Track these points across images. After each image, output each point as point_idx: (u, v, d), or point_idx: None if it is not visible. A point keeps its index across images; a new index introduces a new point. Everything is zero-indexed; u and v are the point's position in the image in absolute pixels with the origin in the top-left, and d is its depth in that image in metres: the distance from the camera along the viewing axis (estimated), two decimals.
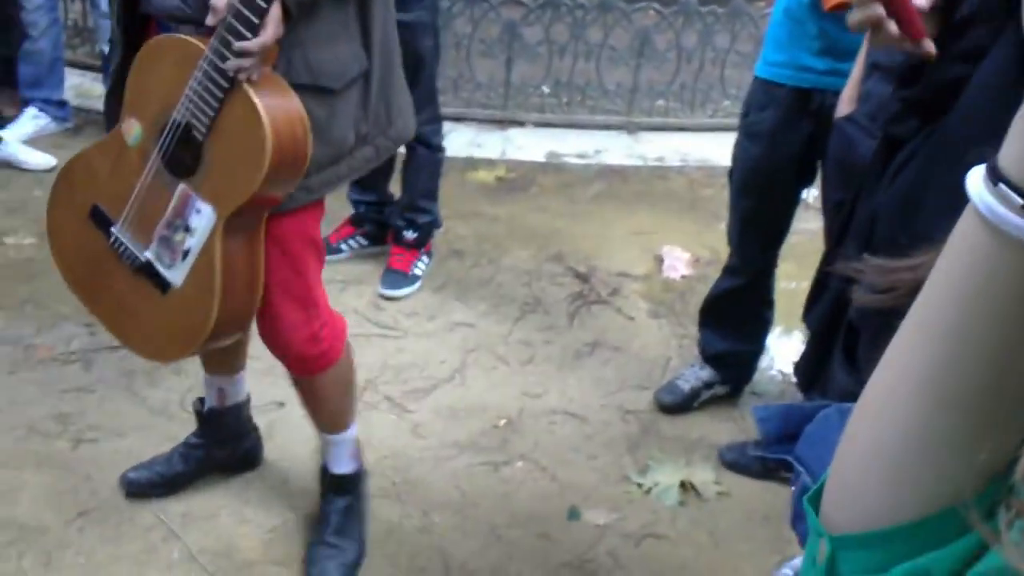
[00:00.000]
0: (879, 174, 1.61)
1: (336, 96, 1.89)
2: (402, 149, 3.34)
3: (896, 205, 1.53)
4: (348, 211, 3.45)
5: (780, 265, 2.76)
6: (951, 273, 0.48)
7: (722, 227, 2.83)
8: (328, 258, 3.36)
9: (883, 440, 0.53)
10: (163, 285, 1.88)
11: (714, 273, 2.89)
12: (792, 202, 2.65)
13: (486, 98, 4.61)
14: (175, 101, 1.80)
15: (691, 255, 3.55)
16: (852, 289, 0.68)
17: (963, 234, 0.48)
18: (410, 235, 3.32)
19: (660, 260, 3.53)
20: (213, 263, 1.87)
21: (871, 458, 0.53)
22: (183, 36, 1.83)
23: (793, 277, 3.03)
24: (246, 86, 1.75)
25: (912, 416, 0.51)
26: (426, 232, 3.35)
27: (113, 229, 1.90)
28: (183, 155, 1.84)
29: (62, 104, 4.19)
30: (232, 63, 1.72)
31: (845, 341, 1.73)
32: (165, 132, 1.83)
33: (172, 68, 1.81)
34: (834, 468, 0.57)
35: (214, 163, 1.81)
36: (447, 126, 3.44)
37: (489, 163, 4.18)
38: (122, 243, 1.90)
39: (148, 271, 1.88)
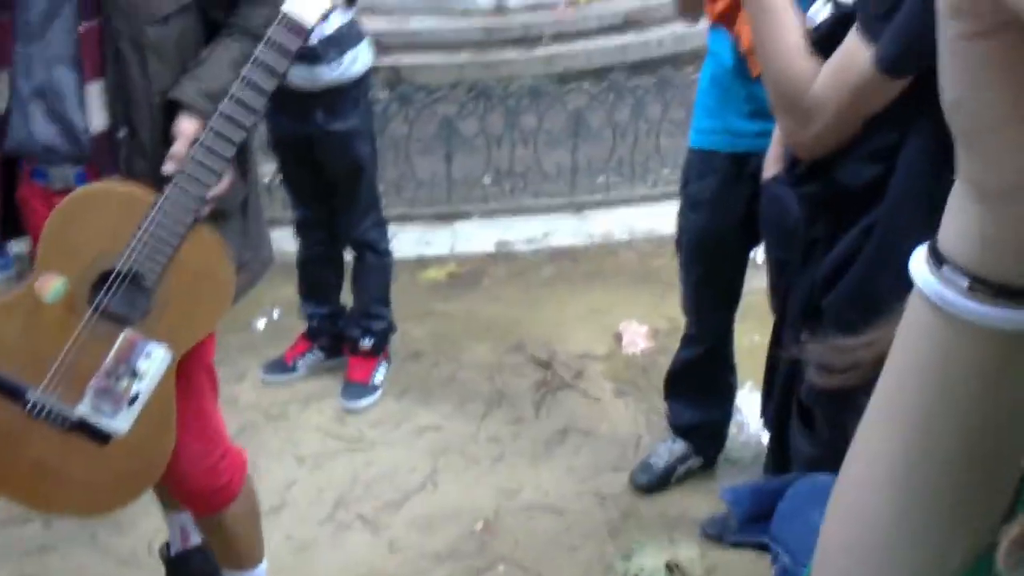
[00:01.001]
0: (808, 250, 1.65)
1: (226, 222, 1.90)
2: (349, 257, 3.33)
3: (846, 303, 1.55)
4: (301, 327, 3.41)
5: (739, 324, 2.76)
6: (907, 361, 0.48)
7: (676, 297, 2.83)
8: (284, 377, 3.36)
9: (857, 539, 0.51)
10: (102, 436, 1.81)
11: (674, 344, 2.88)
12: (742, 264, 2.67)
13: (429, 195, 4.62)
14: (114, 250, 1.78)
15: (649, 328, 3.55)
16: (805, 370, 0.66)
17: (914, 320, 0.47)
18: (366, 343, 3.29)
19: (619, 337, 3.52)
20: (169, 401, 1.85)
21: (846, 558, 0.52)
22: (120, 184, 1.83)
23: (754, 331, 3.03)
24: (200, 224, 1.78)
25: (885, 514, 0.50)
26: (382, 338, 3.32)
27: (29, 395, 1.81)
28: (126, 303, 1.81)
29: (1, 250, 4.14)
30: (204, 209, 1.77)
31: (800, 407, 1.72)
32: (106, 283, 1.79)
33: (112, 218, 1.79)
34: (815, 565, 0.55)
35: (170, 304, 1.80)
36: (393, 228, 3.44)
37: (439, 260, 4.17)
38: (44, 407, 1.81)
39: (81, 427, 1.81)
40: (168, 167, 1.80)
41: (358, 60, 3.05)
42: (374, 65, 3.24)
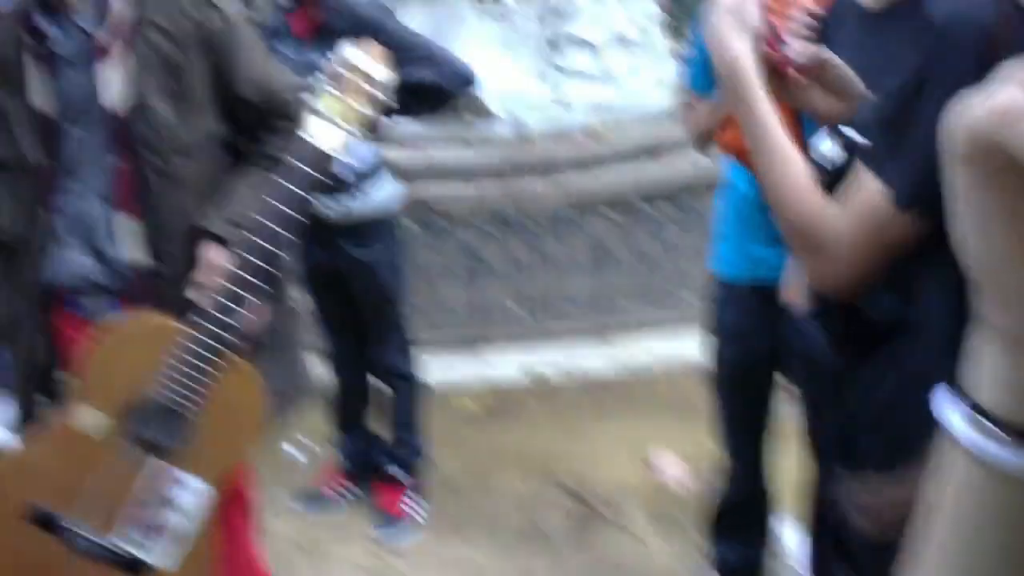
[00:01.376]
0: (836, 384, 1.62)
1: (258, 350, 1.96)
2: (381, 385, 3.31)
3: (876, 439, 1.51)
4: (334, 456, 3.38)
5: (775, 452, 2.70)
6: (950, 510, 0.46)
7: (710, 425, 2.79)
8: (318, 506, 3.31)
9: None
10: (136, 566, 1.79)
11: (710, 475, 2.82)
12: (773, 393, 2.63)
13: (456, 322, 4.62)
14: (147, 382, 1.79)
15: (684, 458, 3.49)
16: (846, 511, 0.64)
17: (951, 467, 0.45)
18: (398, 472, 3.25)
19: (653, 467, 3.46)
20: (206, 533, 1.84)
21: None
22: (152, 316, 1.84)
23: (790, 458, 2.97)
24: (233, 353, 1.80)
25: None
26: (414, 468, 3.29)
27: (65, 524, 1.80)
28: (161, 432, 1.80)
29: None
30: (235, 338, 1.79)
31: (844, 549, 1.66)
32: (141, 414, 1.79)
33: (146, 349, 1.81)
34: None
35: (203, 433, 1.81)
36: (422, 356, 3.43)
37: (469, 388, 4.15)
38: (79, 536, 1.80)
39: (115, 557, 1.80)
40: (193, 294, 1.83)
41: (383, 190, 3.10)
42: (398, 194, 3.29)
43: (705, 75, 2.50)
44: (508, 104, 6.80)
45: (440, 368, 4.29)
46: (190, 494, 1.83)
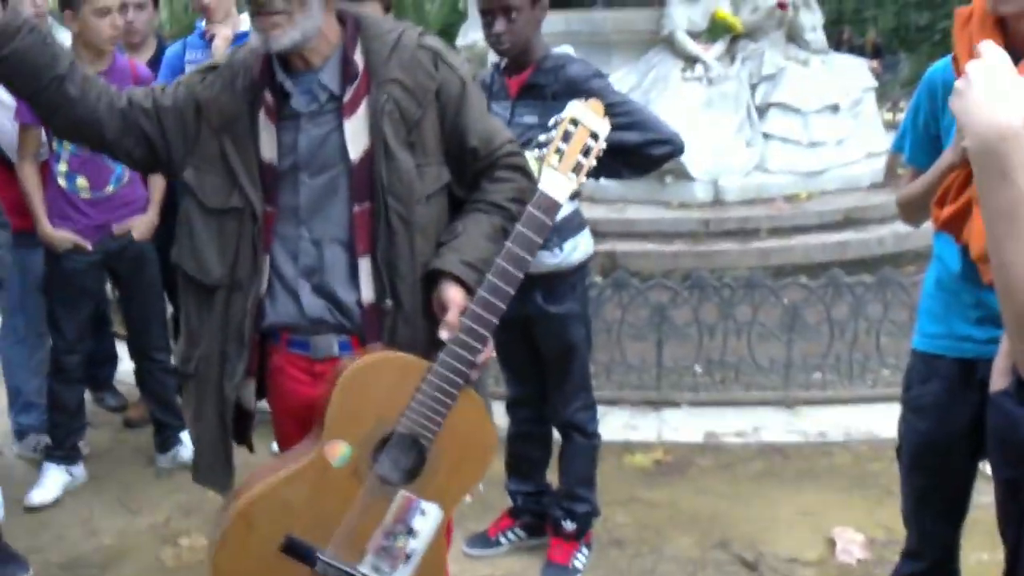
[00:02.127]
0: None
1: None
2: (557, 436, 3.36)
3: None
4: (506, 502, 3.44)
5: (965, 541, 2.57)
6: None
7: (895, 504, 2.68)
8: (487, 551, 3.38)
9: None
10: None
11: (892, 555, 2.72)
12: (969, 476, 2.50)
13: (639, 380, 4.63)
14: (392, 415, 1.95)
15: (865, 536, 3.36)
16: None
17: None
18: (569, 526, 3.27)
19: (832, 543, 3.35)
20: (441, 555, 2.03)
21: None
22: (397, 353, 2.01)
23: (983, 550, 2.83)
24: (468, 388, 1.96)
25: None
26: (585, 521, 3.30)
27: (319, 555, 1.94)
28: (404, 463, 1.97)
29: None
30: (475, 374, 1.95)
31: None
32: (387, 446, 1.94)
33: (390, 385, 1.95)
34: None
35: (440, 463, 1.97)
36: (601, 410, 3.45)
37: (645, 446, 4.14)
38: (331, 566, 1.94)
39: None
40: (444, 334, 1.95)
41: (578, 248, 3.15)
42: (592, 250, 3.34)
43: (921, 146, 2.45)
44: (709, 167, 6.81)
45: (620, 425, 4.30)
46: (430, 520, 1.98)
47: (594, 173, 3.05)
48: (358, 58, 2.05)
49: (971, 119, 1.28)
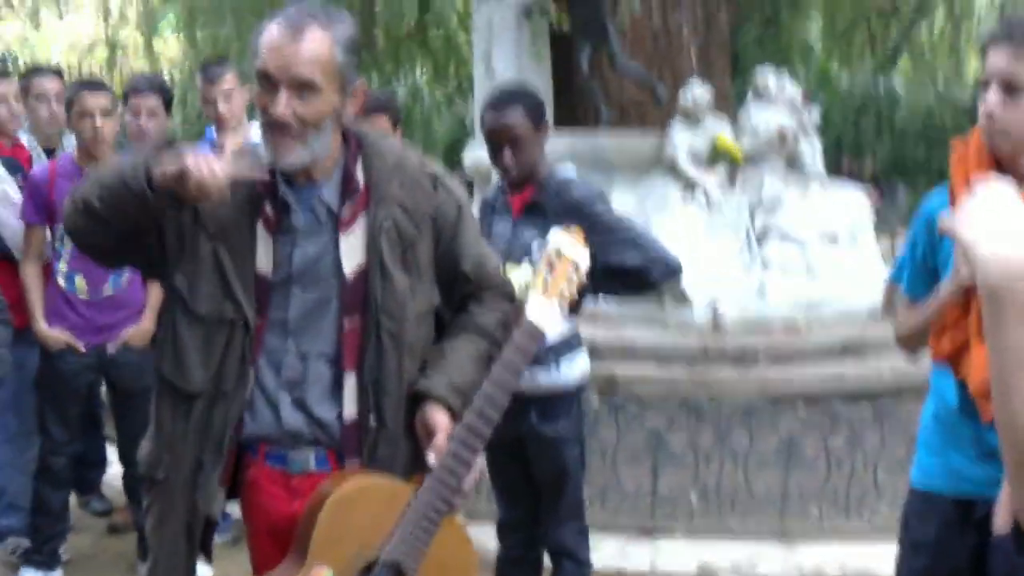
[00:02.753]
0: None
1: None
2: (548, 562, 3.28)
3: None
4: None
5: None
6: None
7: None
8: None
9: None
10: None
11: None
12: None
13: (633, 507, 4.55)
14: (376, 542, 1.91)
15: None
16: None
17: None
18: None
19: None
20: None
21: None
22: (383, 479, 1.99)
23: None
24: (451, 514, 1.95)
25: None
26: None
27: None
28: None
29: (224, 515, 4.33)
30: (460, 500, 1.94)
31: None
32: (370, 574, 1.90)
33: (375, 512, 1.93)
34: None
35: None
36: (593, 537, 3.38)
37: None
38: None
39: None
40: (431, 459, 1.94)
41: (575, 367, 3.15)
42: (588, 371, 3.32)
43: (919, 278, 2.46)
44: (707, 291, 6.81)
45: (612, 553, 4.21)
46: None
47: (592, 291, 3.09)
48: (359, 175, 2.09)
49: (982, 255, 1.20)
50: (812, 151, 7.77)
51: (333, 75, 1.98)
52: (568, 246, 2.17)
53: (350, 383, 2.04)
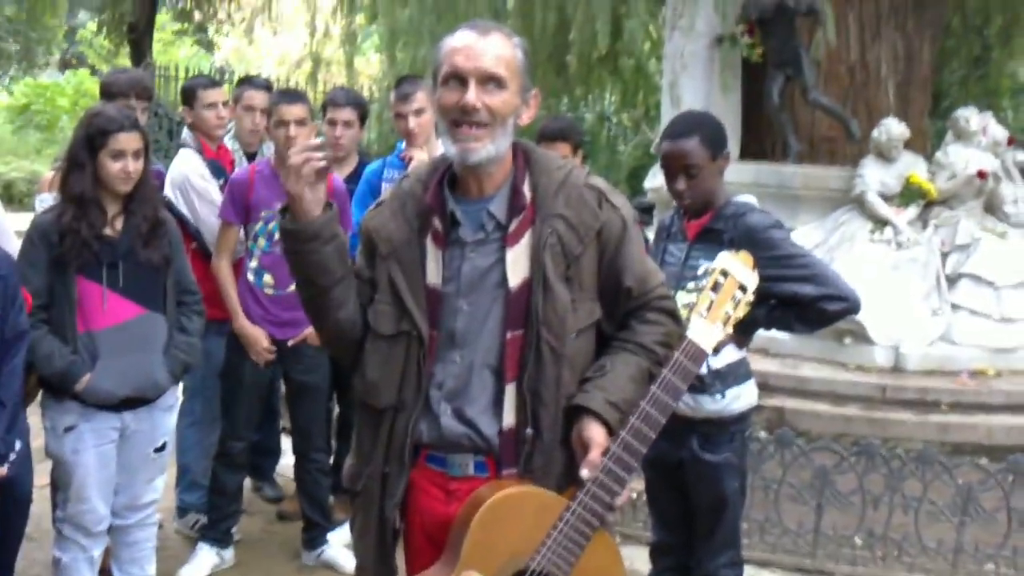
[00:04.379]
0: None
1: None
2: None
3: None
4: None
5: None
6: None
7: None
8: None
9: None
10: None
11: None
12: None
13: (793, 545, 4.43)
14: (527, 550, 1.96)
15: None
16: None
17: None
18: None
19: None
20: None
21: None
22: (537, 489, 2.02)
23: None
24: (603, 529, 1.98)
25: None
26: None
27: None
28: None
29: None
30: (612, 516, 1.97)
31: None
32: None
33: (528, 521, 1.97)
34: None
35: None
36: (749, 571, 3.32)
37: None
38: None
39: None
40: (585, 473, 1.97)
41: (741, 397, 3.10)
42: (757, 404, 3.26)
43: None
44: (891, 332, 6.58)
45: None
46: None
47: (765, 323, 3.04)
48: (526, 190, 2.12)
49: None
50: (1014, 194, 7.41)
51: (515, 74, 2.06)
52: (736, 267, 2.15)
53: (510, 393, 2.07)
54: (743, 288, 2.16)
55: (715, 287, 2.14)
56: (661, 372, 2.06)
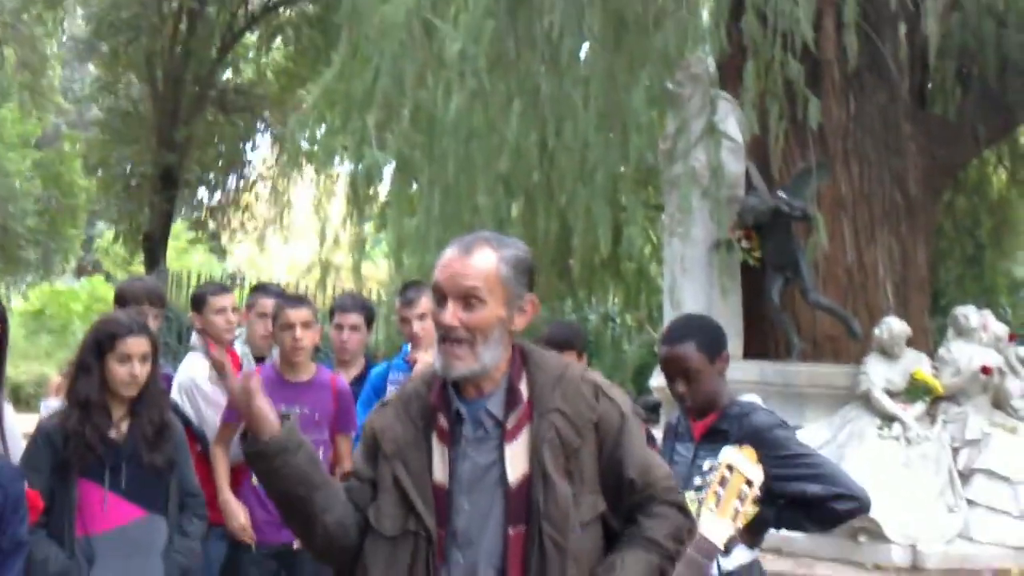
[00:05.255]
0: None
1: None
2: None
3: None
4: None
5: None
6: None
7: None
8: None
9: None
10: None
11: None
12: None
13: None
14: None
15: None
16: None
17: None
18: None
19: None
20: None
21: None
22: None
23: None
24: None
25: None
26: None
27: None
28: None
29: None
30: None
31: None
32: None
33: None
34: None
35: None
36: None
37: None
38: None
39: None
40: None
41: None
42: None
43: None
44: (907, 531, 6.44)
45: None
46: None
47: (775, 523, 2.99)
48: (523, 387, 2.15)
49: None
50: (1021, 389, 7.42)
51: (497, 287, 2.11)
52: (740, 462, 2.15)
53: None
54: (749, 483, 2.15)
55: (722, 482, 2.14)
56: (673, 570, 2.03)
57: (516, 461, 2.08)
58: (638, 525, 2.14)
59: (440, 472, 2.11)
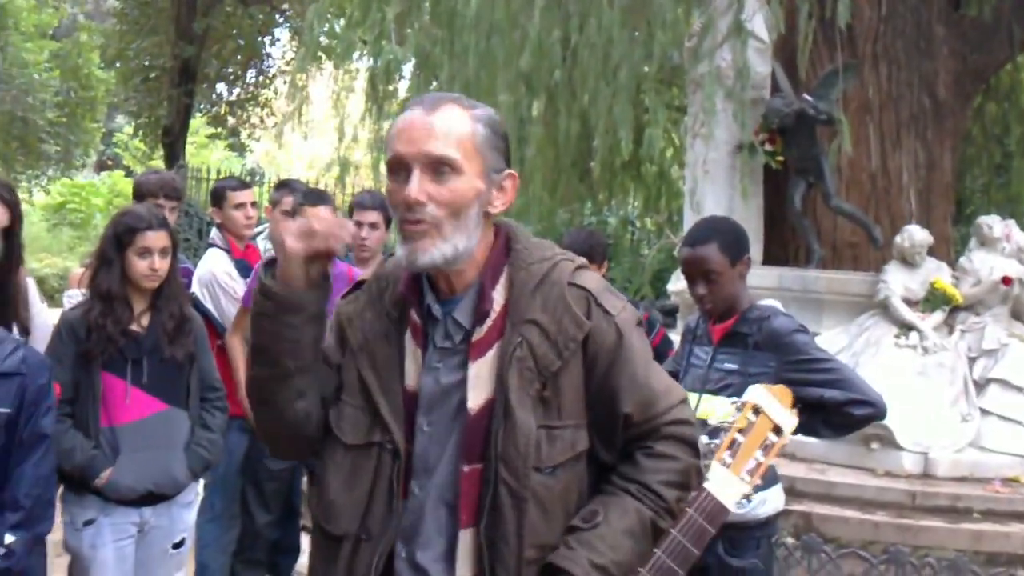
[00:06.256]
0: None
1: None
2: None
3: None
4: None
5: None
6: None
7: None
8: None
9: None
10: None
11: None
12: None
13: None
14: None
15: None
16: None
17: None
18: None
19: None
20: None
21: None
22: None
23: None
24: None
25: None
26: None
27: None
28: None
29: None
30: None
31: None
32: None
33: None
34: None
35: None
36: None
37: None
38: None
39: None
40: None
41: (767, 502, 3.06)
42: (784, 509, 3.21)
43: None
44: (920, 438, 6.49)
45: None
46: None
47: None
48: (500, 289, 1.77)
49: None
50: None
51: (474, 154, 1.71)
52: (770, 405, 1.83)
53: (465, 540, 1.71)
54: (778, 430, 1.82)
55: (744, 428, 1.81)
56: (669, 526, 1.73)
57: (480, 384, 1.72)
58: (634, 464, 1.76)
59: (412, 377, 1.77)
